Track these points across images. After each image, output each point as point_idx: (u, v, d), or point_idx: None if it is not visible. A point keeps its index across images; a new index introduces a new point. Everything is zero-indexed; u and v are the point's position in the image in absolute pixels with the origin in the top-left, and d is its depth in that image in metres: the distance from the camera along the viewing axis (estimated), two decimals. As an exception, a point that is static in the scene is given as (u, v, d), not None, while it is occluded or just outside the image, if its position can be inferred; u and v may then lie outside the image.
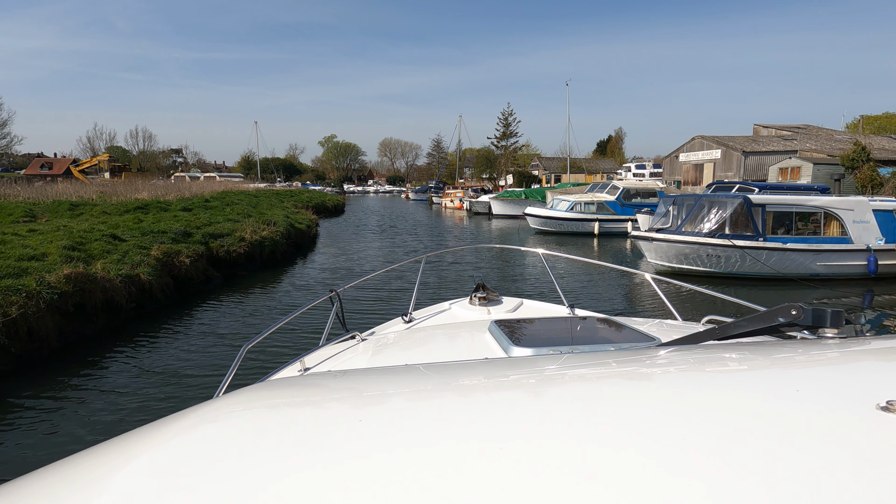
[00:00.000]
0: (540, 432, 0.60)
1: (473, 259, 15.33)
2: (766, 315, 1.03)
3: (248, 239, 13.02)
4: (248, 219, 15.96)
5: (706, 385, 0.76)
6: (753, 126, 45.44)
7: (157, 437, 0.69)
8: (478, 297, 2.78)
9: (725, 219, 11.49)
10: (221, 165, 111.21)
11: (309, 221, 20.25)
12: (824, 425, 0.59)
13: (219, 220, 14.80)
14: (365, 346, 1.94)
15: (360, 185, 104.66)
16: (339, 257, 15.99)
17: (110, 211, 15.81)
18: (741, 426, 0.59)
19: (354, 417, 0.69)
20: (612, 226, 22.88)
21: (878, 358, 0.90)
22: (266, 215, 18.31)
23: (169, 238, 11.22)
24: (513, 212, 35.38)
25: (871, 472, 0.49)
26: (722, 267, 11.69)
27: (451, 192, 49.35)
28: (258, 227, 14.20)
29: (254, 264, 12.93)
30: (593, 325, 1.83)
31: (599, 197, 23.37)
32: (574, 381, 0.83)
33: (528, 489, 0.49)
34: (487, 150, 75.85)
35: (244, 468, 0.56)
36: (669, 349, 1.07)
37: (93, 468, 0.64)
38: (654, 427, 0.59)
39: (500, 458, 0.54)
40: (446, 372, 0.91)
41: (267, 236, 13.74)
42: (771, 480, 0.48)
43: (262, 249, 13.35)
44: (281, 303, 9.76)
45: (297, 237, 17.10)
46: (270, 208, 21.91)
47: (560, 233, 23.19)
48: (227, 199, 23.39)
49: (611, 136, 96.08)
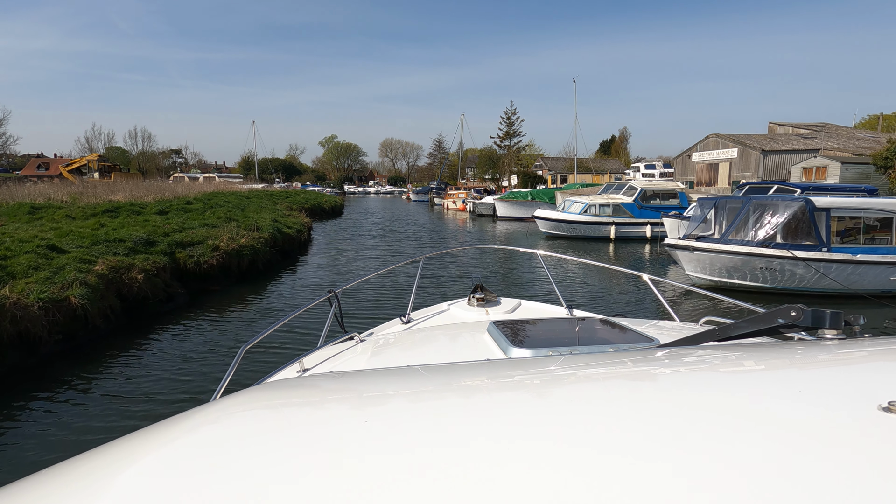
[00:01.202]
0: (540, 433, 0.60)
1: (470, 260, 15.04)
2: (766, 316, 1.03)
3: (224, 247, 11.29)
4: (228, 223, 14.24)
5: (706, 386, 0.76)
6: (768, 124, 43.65)
7: (158, 439, 0.69)
8: (476, 298, 2.76)
9: (781, 225, 9.74)
10: (222, 166, 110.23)
11: (300, 226, 18.49)
12: (826, 427, 0.59)
13: (194, 225, 13.05)
14: (364, 347, 1.94)
15: (361, 185, 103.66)
16: (329, 268, 14.24)
17: (75, 215, 14.09)
18: (742, 427, 0.59)
19: (354, 418, 0.69)
20: (630, 230, 21.10)
21: (877, 359, 0.89)
22: (251, 219, 16.58)
23: (125, 248, 9.49)
24: (519, 214, 33.69)
25: (873, 473, 0.49)
26: (777, 282, 9.93)
27: (454, 194, 47.60)
28: (237, 234, 12.47)
29: (229, 277, 11.20)
30: (592, 326, 1.82)
31: (615, 198, 21.55)
32: (574, 382, 0.83)
33: (530, 489, 0.49)
34: (490, 149, 74.24)
35: (245, 470, 0.56)
36: (669, 350, 1.07)
37: (94, 470, 0.64)
38: (655, 428, 0.59)
39: (501, 459, 0.54)
40: (446, 373, 0.92)
41: (246, 244, 11.99)
42: (773, 482, 0.48)
43: (241, 259, 11.62)
44: (251, 329, 8.02)
45: (285, 244, 15.36)
46: (259, 211, 20.17)
47: (573, 237, 21.42)
48: (214, 200, 21.65)
49: (614, 136, 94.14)
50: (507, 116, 65.65)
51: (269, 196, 32.95)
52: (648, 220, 21.08)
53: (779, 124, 42.80)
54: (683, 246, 10.66)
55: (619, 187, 22.75)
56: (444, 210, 45.47)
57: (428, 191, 64.88)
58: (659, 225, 21.17)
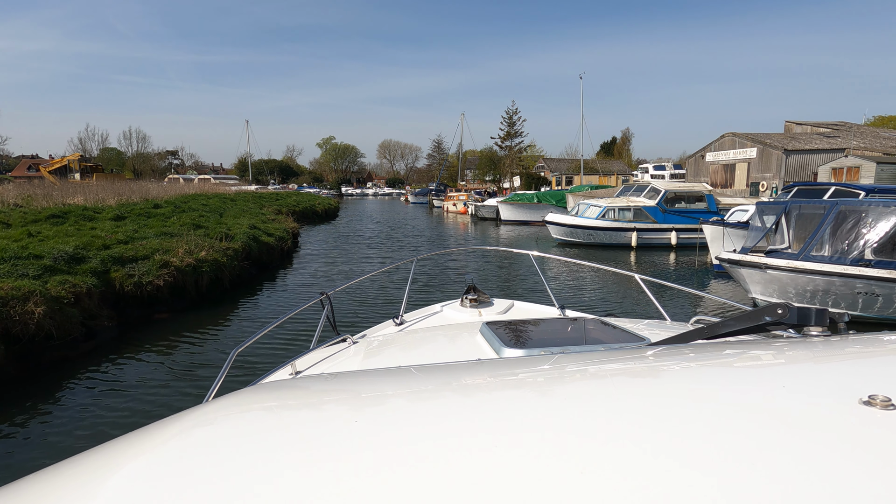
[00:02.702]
0: (533, 430, 0.61)
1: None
2: (753, 314, 1.04)
3: (177, 263, 9.11)
4: (194, 231, 12.08)
5: (694, 383, 0.77)
6: (785, 123, 41.52)
7: (149, 441, 0.69)
8: (469, 299, 2.74)
9: (883, 238, 7.59)
10: (219, 168, 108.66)
11: (283, 233, 16.29)
12: (809, 420, 0.61)
13: (148, 234, 10.86)
14: (356, 349, 1.93)
15: (359, 187, 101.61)
16: (312, 285, 12.04)
17: (13, 221, 11.92)
18: (728, 423, 0.60)
19: (347, 419, 0.69)
20: (653, 236, 18.92)
21: (860, 354, 0.91)
22: (225, 226, 14.41)
23: (38, 267, 7.31)
24: (524, 217, 31.55)
25: (853, 465, 0.51)
26: (878, 310, 7.76)
27: (455, 196, 45.37)
28: (199, 245, 10.29)
29: (183, 300, 9.02)
30: (584, 326, 1.83)
31: (636, 201, 19.34)
32: (565, 381, 0.84)
33: (523, 486, 0.50)
34: (490, 150, 72.02)
35: (238, 471, 0.56)
36: (659, 349, 1.09)
37: (87, 472, 0.63)
38: (645, 425, 0.60)
39: (494, 457, 0.55)
40: (438, 373, 0.92)
41: (207, 258, 9.80)
42: (757, 473, 0.50)
43: (199, 277, 9.45)
44: (200, 377, 5.82)
45: (263, 255, 13.19)
46: (239, 216, 17.98)
47: (589, 245, 19.23)
48: (189, 204, 19.45)
49: (614, 137, 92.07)
50: (509, 116, 63.35)
51: (257, 198, 30.74)
52: (673, 225, 18.93)
53: (796, 123, 40.66)
54: (752, 263, 8.48)
55: (638, 189, 20.53)
56: (444, 213, 43.28)
57: (427, 193, 62.63)
58: (685, 231, 19.06)
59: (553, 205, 31.14)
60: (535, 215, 30.97)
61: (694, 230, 19.21)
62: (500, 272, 13.32)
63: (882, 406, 0.61)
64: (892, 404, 0.61)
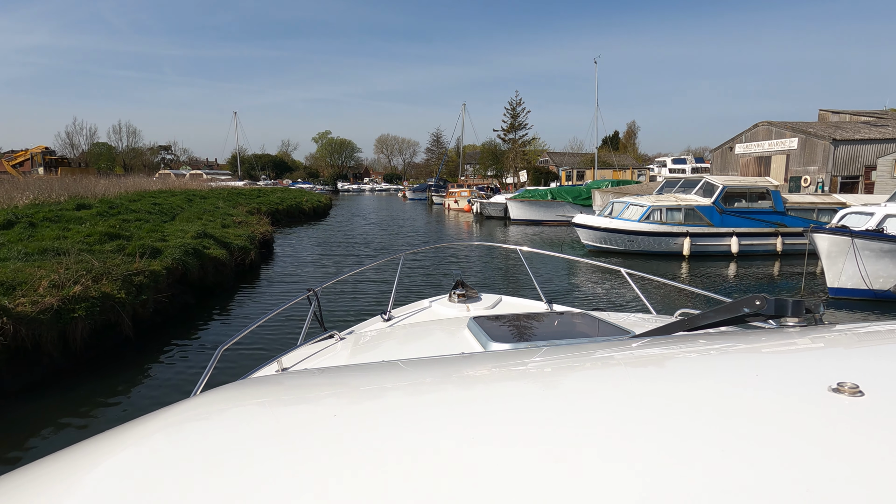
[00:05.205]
0: (517, 422, 0.62)
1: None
2: (732, 306, 1.05)
3: (26, 308, 5.48)
4: (104, 245, 8.47)
5: (674, 373, 0.79)
6: (819, 112, 37.89)
7: (134, 435, 0.68)
8: (457, 295, 2.74)
9: None
10: (213, 163, 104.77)
11: (246, 241, 12.64)
12: (779, 407, 0.63)
13: (10, 255, 7.16)
14: (344, 345, 1.92)
15: (356, 182, 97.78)
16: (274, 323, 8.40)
17: None
18: (704, 411, 0.62)
19: (334, 413, 0.69)
20: (709, 243, 15.33)
21: (833, 344, 0.93)
22: (161, 234, 10.78)
23: None
24: (537, 216, 27.95)
25: (820, 451, 0.53)
26: None
27: (457, 192, 41.74)
28: (88, 269, 6.65)
29: (36, 368, 5.41)
30: (570, 320, 1.85)
31: (687, 200, 15.70)
32: (550, 373, 0.85)
33: (508, 475, 0.50)
34: (492, 144, 68.31)
35: (224, 464, 0.56)
36: (641, 341, 1.11)
37: (69, 466, 0.63)
38: (624, 415, 0.62)
39: (481, 447, 0.56)
40: (425, 367, 0.92)
41: (82, 294, 6.12)
42: (729, 459, 0.52)
43: (68, 327, 5.81)
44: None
45: (208, 275, 9.56)
46: (193, 219, 14.32)
47: (629, 252, 15.65)
48: (136, 203, 15.77)
49: (617, 131, 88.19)
50: (513, 107, 59.44)
51: (234, 195, 27.06)
52: (733, 229, 15.36)
53: (832, 111, 37.06)
54: None
55: (686, 184, 16.84)
56: (446, 210, 39.67)
57: (426, 188, 58.90)
58: (748, 236, 15.51)
59: (570, 202, 27.56)
60: (550, 214, 27.37)
61: (760, 235, 15.69)
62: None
63: (850, 393, 0.62)
64: (859, 391, 0.63)
